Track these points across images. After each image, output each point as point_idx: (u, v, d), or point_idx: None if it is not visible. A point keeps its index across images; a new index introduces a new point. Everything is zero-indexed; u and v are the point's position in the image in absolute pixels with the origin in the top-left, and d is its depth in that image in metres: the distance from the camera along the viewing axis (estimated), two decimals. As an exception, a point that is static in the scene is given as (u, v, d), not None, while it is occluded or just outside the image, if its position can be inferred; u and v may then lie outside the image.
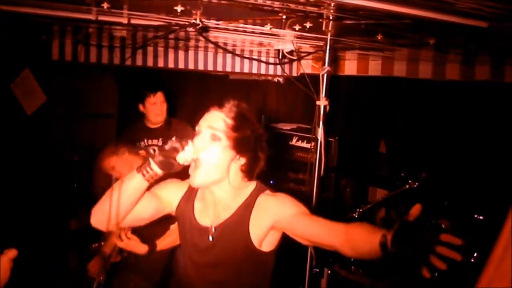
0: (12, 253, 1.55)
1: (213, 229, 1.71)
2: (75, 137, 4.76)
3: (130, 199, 1.62)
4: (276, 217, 1.66)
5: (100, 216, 1.64)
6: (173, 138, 1.57)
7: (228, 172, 1.67)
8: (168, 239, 2.63)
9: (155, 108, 3.44)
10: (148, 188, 1.65)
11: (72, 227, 4.36)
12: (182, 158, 1.56)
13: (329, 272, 3.16)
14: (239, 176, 1.71)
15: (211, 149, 1.62)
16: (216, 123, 1.64)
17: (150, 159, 1.55)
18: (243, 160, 1.68)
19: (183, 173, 1.70)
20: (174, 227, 2.51)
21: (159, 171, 1.57)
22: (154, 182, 1.64)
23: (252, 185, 1.75)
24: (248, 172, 1.71)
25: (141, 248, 2.56)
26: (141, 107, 3.50)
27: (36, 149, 4.44)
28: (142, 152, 1.56)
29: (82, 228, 3.00)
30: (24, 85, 4.57)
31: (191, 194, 1.80)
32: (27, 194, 4.08)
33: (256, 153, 1.70)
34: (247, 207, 1.69)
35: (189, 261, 1.77)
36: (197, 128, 1.68)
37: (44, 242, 3.49)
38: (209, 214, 1.75)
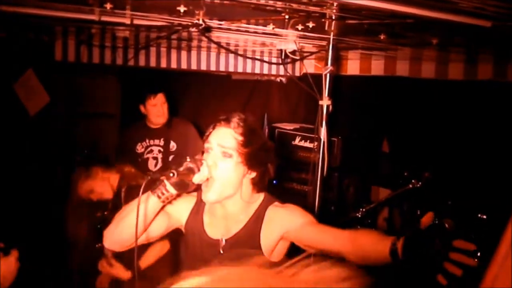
0: (17, 253, 1.56)
1: (223, 242, 1.71)
2: (78, 137, 4.76)
3: (145, 220, 1.61)
4: (285, 228, 1.67)
5: (114, 239, 1.66)
6: (188, 159, 1.57)
7: (241, 187, 1.68)
8: (152, 254, 2.66)
9: (156, 110, 3.44)
10: (162, 208, 1.65)
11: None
12: (198, 178, 1.57)
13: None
14: (250, 189, 1.72)
15: (224, 166, 1.62)
16: (226, 141, 1.63)
17: (166, 181, 1.54)
18: (253, 174, 1.69)
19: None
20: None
21: (174, 192, 1.57)
22: (168, 202, 1.64)
23: (260, 196, 1.76)
24: (258, 185, 1.72)
25: (124, 274, 2.58)
26: (142, 108, 3.50)
27: (39, 149, 4.44)
28: (163, 177, 1.54)
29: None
30: (27, 85, 4.56)
31: (199, 208, 1.80)
32: (29, 195, 4.09)
33: (266, 166, 1.71)
34: (258, 219, 1.70)
35: None
36: (206, 145, 1.67)
37: (46, 242, 3.49)
38: (219, 228, 1.75)
